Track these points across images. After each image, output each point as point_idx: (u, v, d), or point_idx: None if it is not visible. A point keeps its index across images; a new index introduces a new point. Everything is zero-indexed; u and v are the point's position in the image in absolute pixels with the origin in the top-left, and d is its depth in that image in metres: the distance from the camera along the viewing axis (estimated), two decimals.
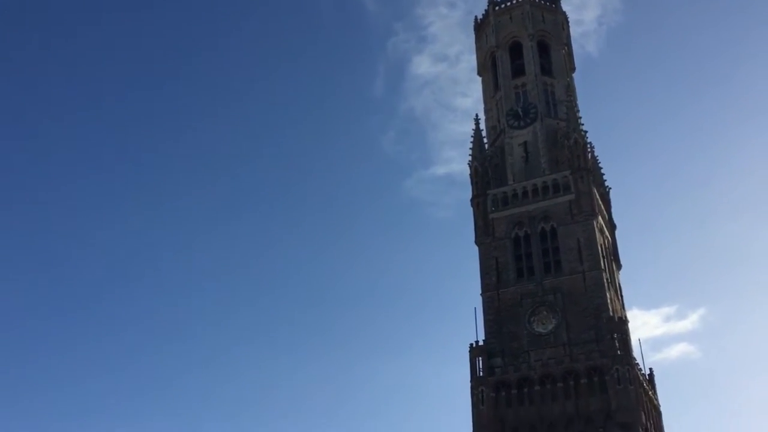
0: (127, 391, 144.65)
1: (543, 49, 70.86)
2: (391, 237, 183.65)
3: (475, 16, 76.28)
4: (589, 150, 63.86)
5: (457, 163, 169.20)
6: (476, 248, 62.34)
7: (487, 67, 73.09)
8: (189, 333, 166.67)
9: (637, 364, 54.78)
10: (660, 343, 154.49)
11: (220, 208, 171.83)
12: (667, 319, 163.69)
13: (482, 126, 68.49)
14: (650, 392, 57.40)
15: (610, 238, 65.59)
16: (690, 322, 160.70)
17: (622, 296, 63.46)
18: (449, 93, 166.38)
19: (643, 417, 51.37)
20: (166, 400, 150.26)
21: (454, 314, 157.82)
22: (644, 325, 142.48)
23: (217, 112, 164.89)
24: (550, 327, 56.55)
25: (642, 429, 50.28)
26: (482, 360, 56.29)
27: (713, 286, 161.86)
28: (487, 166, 65.10)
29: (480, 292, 60.42)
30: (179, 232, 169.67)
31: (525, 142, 65.71)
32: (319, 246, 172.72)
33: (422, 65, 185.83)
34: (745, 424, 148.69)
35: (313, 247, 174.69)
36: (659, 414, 58.81)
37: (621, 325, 54.47)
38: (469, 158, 65.96)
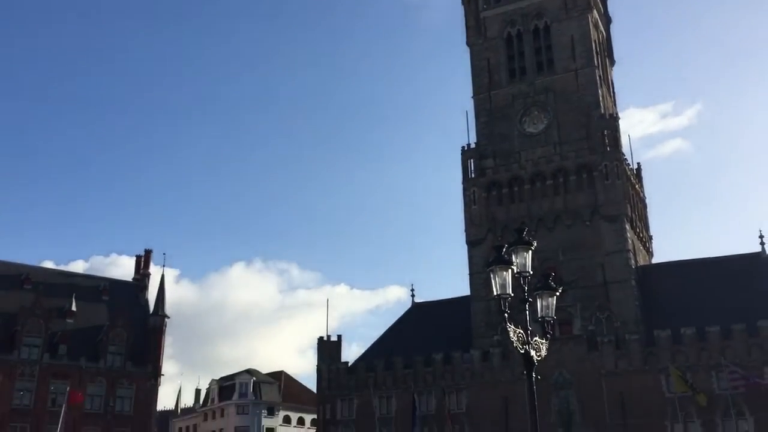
0: None
1: None
2: (385, 47, 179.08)
3: None
4: None
5: None
6: (468, 52, 61.37)
7: None
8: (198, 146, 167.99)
9: (626, 159, 55.90)
10: (654, 140, 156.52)
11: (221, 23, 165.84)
12: (663, 116, 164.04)
13: None
14: (637, 186, 59.14)
15: (604, 33, 64.06)
16: (686, 118, 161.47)
17: (614, 93, 63.25)
18: None
19: (629, 209, 53.34)
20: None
21: (447, 120, 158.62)
22: (640, 123, 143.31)
23: None
24: (542, 127, 57.02)
25: (627, 220, 52.42)
26: (474, 162, 57.43)
27: (710, 81, 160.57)
28: None
29: (471, 95, 60.25)
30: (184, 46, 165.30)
31: None
32: (318, 57, 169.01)
33: None
34: (726, 216, 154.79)
35: (311, 58, 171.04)
36: (645, 206, 61.06)
37: (612, 122, 54.83)
38: None
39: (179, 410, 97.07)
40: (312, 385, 62.55)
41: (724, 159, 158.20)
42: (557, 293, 11.21)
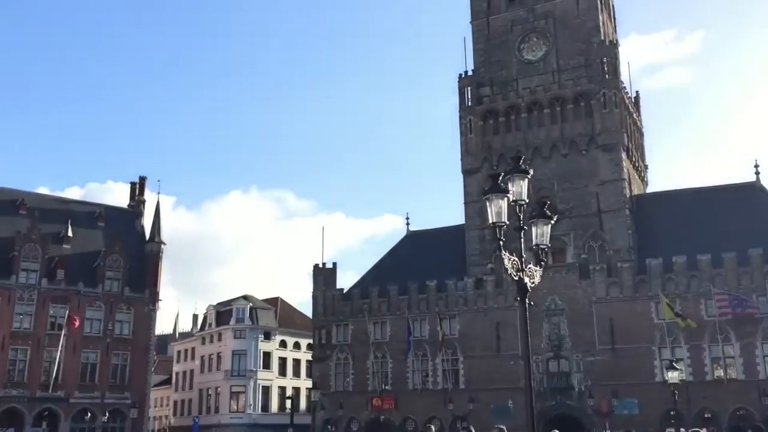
0: None
1: None
2: None
3: None
4: None
5: None
6: None
7: None
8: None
9: (624, 88, 55.28)
10: (655, 68, 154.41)
11: None
12: (666, 43, 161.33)
13: None
14: (635, 115, 58.72)
15: None
16: (688, 45, 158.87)
17: (615, 19, 61.96)
18: None
19: (626, 138, 53.09)
20: None
21: (446, 47, 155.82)
22: (642, 50, 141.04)
23: None
24: (540, 54, 56.11)
25: (623, 150, 52.25)
26: (471, 90, 56.73)
27: (714, 7, 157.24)
28: None
29: (470, 20, 59.00)
30: None
31: None
32: None
33: None
34: (723, 146, 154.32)
35: None
36: (642, 135, 60.81)
37: (611, 49, 53.93)
38: None
39: (177, 334, 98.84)
40: (308, 311, 63.56)
41: (724, 89, 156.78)
42: (552, 221, 11.23)
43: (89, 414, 53.37)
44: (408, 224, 62.35)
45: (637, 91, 61.26)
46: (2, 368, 51.55)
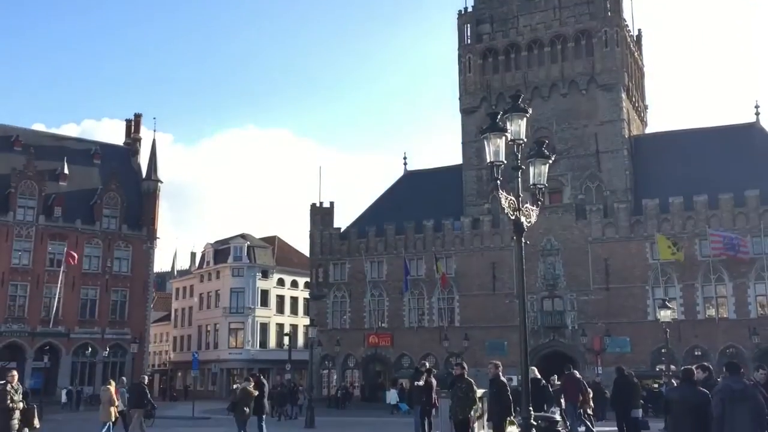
0: None
1: None
2: None
3: None
4: None
5: None
6: None
7: None
8: None
9: (627, 25, 54.34)
10: (656, 3, 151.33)
11: None
12: None
13: None
14: (636, 54, 57.89)
15: None
16: None
17: None
18: None
19: (626, 78, 52.48)
20: None
21: None
22: None
23: None
24: None
25: (623, 90, 51.71)
26: (470, 27, 55.72)
27: None
28: None
29: None
30: None
31: None
32: None
33: None
34: (725, 87, 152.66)
35: None
36: (642, 75, 60.09)
37: None
38: None
39: (175, 272, 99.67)
40: (305, 250, 63.88)
41: (728, 27, 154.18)
42: (550, 161, 11.15)
43: (90, 349, 54.25)
44: (405, 164, 62.21)
45: (639, 29, 60.34)
46: (2, 303, 52.14)
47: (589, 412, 19.85)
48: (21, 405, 14.34)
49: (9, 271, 52.59)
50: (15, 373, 15.13)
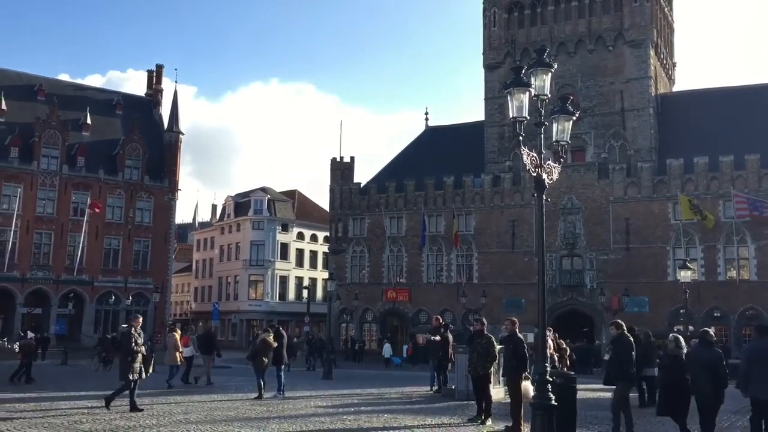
0: None
1: None
2: None
3: None
4: None
5: None
6: None
7: None
8: None
9: None
10: None
11: None
12: None
13: None
14: (666, 9, 56.37)
15: None
16: None
17: None
18: None
19: (655, 34, 51.23)
20: None
21: None
22: None
23: None
24: None
25: (652, 46, 50.52)
26: None
27: None
28: None
29: None
30: None
31: None
32: None
33: None
34: (756, 44, 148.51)
35: None
36: (672, 31, 58.60)
37: None
38: None
39: (197, 224, 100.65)
40: (325, 204, 64.04)
41: None
42: (574, 117, 10.92)
43: (113, 297, 55.31)
44: (427, 119, 61.70)
45: None
46: (28, 251, 53.10)
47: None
48: (143, 349, 14.71)
49: (34, 220, 53.40)
50: (140, 318, 15.44)
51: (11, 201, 51.65)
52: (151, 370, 15.64)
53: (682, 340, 11.72)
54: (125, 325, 15.18)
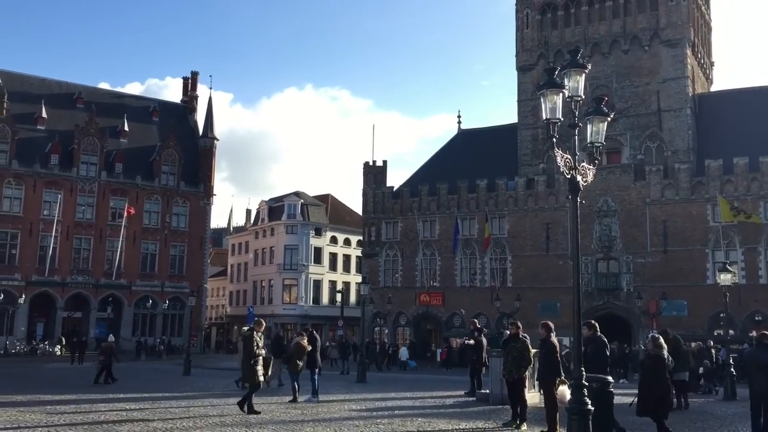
0: None
1: None
2: None
3: None
4: None
5: None
6: None
7: None
8: None
9: None
10: None
11: None
12: None
13: None
14: (703, 7, 55.40)
15: None
16: None
17: None
18: None
19: (692, 33, 50.38)
20: None
21: None
22: None
23: None
24: None
25: (689, 45, 49.69)
26: None
27: None
28: None
29: None
30: None
31: None
32: None
33: None
34: None
35: None
36: (709, 30, 57.57)
37: None
38: None
39: (231, 228, 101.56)
40: (358, 208, 64.14)
41: None
42: (609, 118, 10.76)
43: (150, 301, 56.09)
44: (459, 122, 61.50)
45: None
46: (68, 256, 54.17)
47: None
48: (263, 352, 14.98)
49: (73, 225, 54.48)
50: (263, 321, 15.73)
51: (52, 207, 52.78)
52: (269, 374, 15.78)
53: (661, 339, 11.43)
54: (246, 329, 15.36)
